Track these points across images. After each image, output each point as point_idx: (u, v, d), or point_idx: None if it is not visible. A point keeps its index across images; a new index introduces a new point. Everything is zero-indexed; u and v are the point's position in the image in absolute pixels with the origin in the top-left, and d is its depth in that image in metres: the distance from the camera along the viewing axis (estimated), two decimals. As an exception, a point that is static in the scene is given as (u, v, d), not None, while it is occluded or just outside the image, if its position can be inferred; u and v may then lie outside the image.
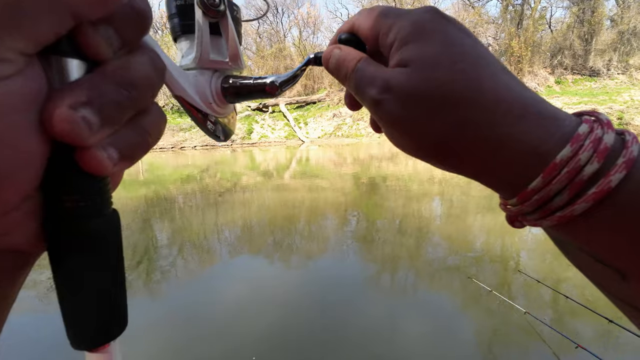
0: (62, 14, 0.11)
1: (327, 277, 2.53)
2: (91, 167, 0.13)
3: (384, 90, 0.19)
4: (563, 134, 0.16)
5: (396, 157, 11.18)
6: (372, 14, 0.21)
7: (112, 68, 0.13)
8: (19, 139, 0.11)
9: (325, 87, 26.75)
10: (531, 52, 22.16)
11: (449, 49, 0.18)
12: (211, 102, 0.26)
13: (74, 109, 0.12)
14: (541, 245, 2.97)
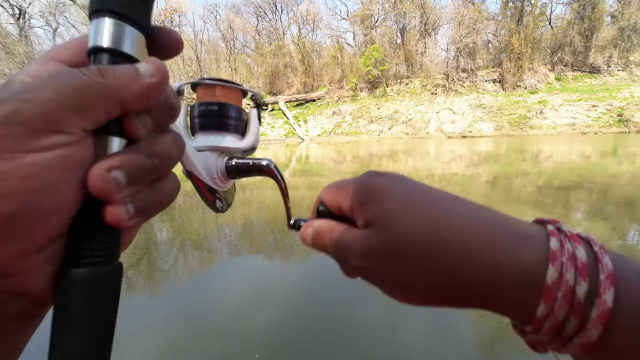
0: (115, 105, 0.16)
1: (328, 275, 2.53)
2: (111, 219, 0.16)
3: (363, 257, 0.21)
4: (536, 249, 0.17)
5: (396, 155, 11.17)
6: (331, 188, 0.25)
7: (144, 145, 0.18)
8: (63, 191, 0.15)
9: (324, 84, 26.68)
10: (531, 49, 22.07)
11: (397, 202, 0.20)
12: (216, 178, 0.30)
13: (109, 171, 0.16)
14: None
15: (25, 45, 20.44)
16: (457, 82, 22.62)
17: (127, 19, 0.17)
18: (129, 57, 0.17)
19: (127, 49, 0.17)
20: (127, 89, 0.16)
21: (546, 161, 8.06)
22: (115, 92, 0.16)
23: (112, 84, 0.16)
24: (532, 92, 20.88)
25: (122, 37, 0.17)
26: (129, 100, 0.16)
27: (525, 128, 18.21)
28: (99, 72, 0.16)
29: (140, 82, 0.16)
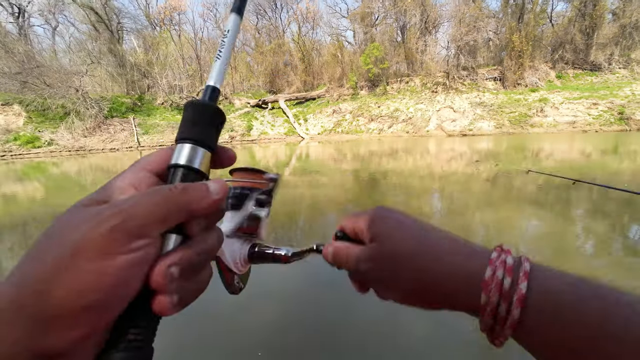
0: (188, 214, 0.21)
1: (329, 275, 2.53)
2: (159, 308, 0.19)
3: (369, 261, 0.29)
4: (482, 259, 0.25)
5: (396, 153, 11.16)
6: (350, 217, 0.33)
7: (197, 241, 0.22)
8: (134, 284, 0.18)
9: (324, 83, 26.61)
10: (532, 47, 21.98)
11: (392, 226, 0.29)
12: (238, 263, 0.34)
13: (169, 267, 0.19)
14: (541, 240, 2.97)
15: (24, 44, 20.41)
16: (457, 80, 22.55)
17: (202, 144, 0.23)
18: (198, 172, 0.23)
19: (197, 165, 0.22)
20: (199, 204, 0.21)
21: (547, 159, 8.05)
22: (191, 205, 0.20)
23: (190, 200, 0.20)
24: (532, 90, 20.82)
25: (195, 157, 0.22)
26: (198, 211, 0.21)
27: (526, 126, 18.17)
28: (183, 191, 0.20)
29: (209, 198, 0.21)
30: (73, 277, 0.16)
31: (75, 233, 0.17)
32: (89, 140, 17.44)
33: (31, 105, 17.37)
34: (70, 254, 0.17)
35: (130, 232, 0.18)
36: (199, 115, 0.23)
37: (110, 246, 0.17)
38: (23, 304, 0.16)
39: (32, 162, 12.76)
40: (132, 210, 0.18)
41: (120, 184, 0.21)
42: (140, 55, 24.47)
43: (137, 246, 0.18)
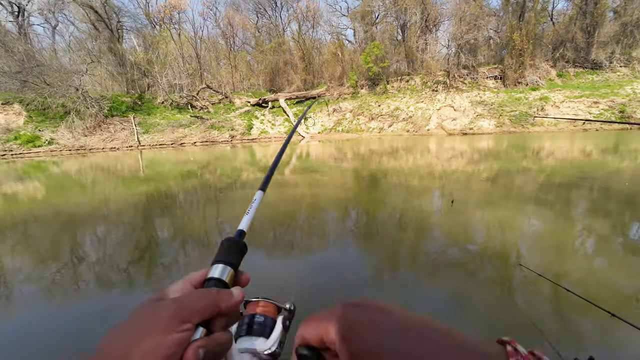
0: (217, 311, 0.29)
1: (332, 273, 2.54)
2: None
3: None
4: None
5: (396, 152, 11.15)
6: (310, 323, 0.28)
7: (217, 336, 0.29)
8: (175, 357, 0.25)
9: (325, 81, 26.56)
10: (533, 45, 21.90)
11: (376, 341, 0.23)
12: None
13: (199, 348, 0.26)
14: (542, 239, 2.97)
15: (24, 43, 20.36)
16: (458, 78, 22.51)
17: (230, 264, 0.33)
18: (225, 283, 0.32)
19: (225, 278, 0.32)
20: (226, 303, 0.29)
21: (547, 158, 8.04)
22: (221, 303, 0.29)
23: (221, 298, 0.29)
24: (533, 88, 20.78)
25: (224, 273, 0.32)
26: (224, 309, 0.29)
27: (527, 125, 18.14)
28: (217, 292, 0.30)
29: (233, 300, 0.30)
30: (145, 346, 0.24)
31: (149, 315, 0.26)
32: (90, 140, 17.43)
33: (31, 105, 17.36)
34: (144, 330, 0.25)
35: (183, 317, 0.26)
36: (231, 247, 0.35)
37: (170, 326, 0.25)
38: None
39: (33, 162, 12.76)
40: (185, 301, 0.27)
41: (174, 289, 0.30)
42: (140, 54, 24.43)
43: (184, 328, 0.25)
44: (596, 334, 1.68)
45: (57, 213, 4.74)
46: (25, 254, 3.16)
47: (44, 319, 2.04)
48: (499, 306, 1.95)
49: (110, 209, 4.87)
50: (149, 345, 0.24)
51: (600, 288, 2.10)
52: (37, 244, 3.42)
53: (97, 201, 5.47)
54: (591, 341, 1.63)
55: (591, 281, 2.19)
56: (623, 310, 1.79)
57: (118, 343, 0.24)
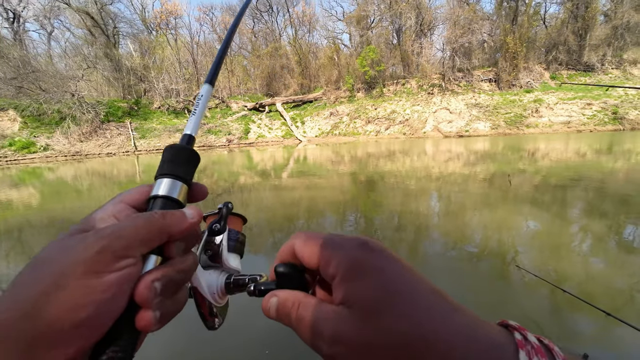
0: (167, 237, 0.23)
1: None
2: (142, 323, 0.20)
3: (333, 342, 0.19)
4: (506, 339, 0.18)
5: (393, 155, 11.20)
6: (312, 243, 0.23)
7: (176, 262, 0.24)
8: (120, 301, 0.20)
9: (321, 85, 26.69)
10: (526, 48, 22.24)
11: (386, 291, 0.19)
12: (215, 294, 0.34)
13: (153, 282, 0.21)
14: (538, 240, 2.99)
15: (19, 49, 20.30)
16: (453, 81, 22.75)
17: (180, 178, 0.26)
18: (176, 201, 0.25)
19: (175, 195, 0.25)
20: (177, 227, 0.23)
21: (542, 159, 8.12)
22: (170, 228, 0.23)
23: (169, 224, 0.23)
24: (527, 91, 21.04)
25: (173, 189, 0.25)
26: (176, 234, 0.23)
27: (522, 126, 18.33)
28: (162, 216, 0.23)
29: (186, 222, 0.24)
30: (64, 296, 0.17)
31: (65, 257, 0.19)
32: (85, 145, 17.34)
33: (26, 111, 17.26)
34: (61, 275, 0.18)
35: (115, 252, 0.20)
36: (177, 155, 0.27)
37: (98, 266, 0.19)
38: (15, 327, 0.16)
39: (28, 168, 12.65)
40: (118, 233, 0.20)
41: (102, 215, 0.23)
42: (136, 59, 24.44)
43: (122, 265, 0.20)
44: (592, 333, 1.69)
45: (53, 219, 4.70)
46: (19, 260, 3.12)
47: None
48: (496, 307, 1.95)
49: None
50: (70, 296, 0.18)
51: (596, 287, 2.11)
52: (31, 251, 3.38)
53: (93, 207, 5.39)
54: (586, 340, 1.64)
55: (587, 281, 2.21)
56: (618, 310, 1.80)
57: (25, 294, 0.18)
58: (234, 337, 1.68)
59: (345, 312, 0.19)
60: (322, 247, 0.22)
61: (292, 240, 0.25)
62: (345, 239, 0.22)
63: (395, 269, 0.20)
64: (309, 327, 0.21)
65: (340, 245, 0.22)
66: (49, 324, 0.17)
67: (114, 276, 0.19)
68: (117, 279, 0.19)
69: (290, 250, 0.25)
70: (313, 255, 0.23)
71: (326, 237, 0.23)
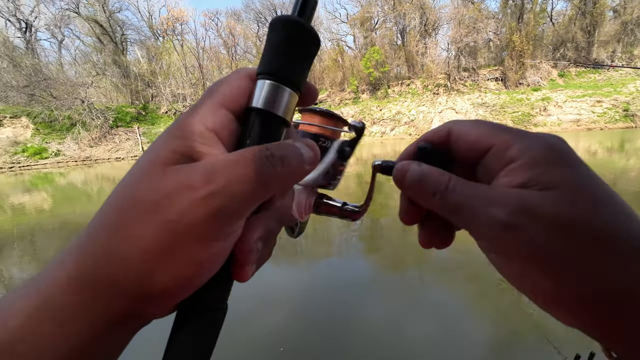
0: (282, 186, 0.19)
1: (345, 275, 2.53)
2: (240, 277, 0.19)
3: (520, 212, 0.16)
4: None
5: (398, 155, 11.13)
6: (482, 124, 0.20)
7: (278, 208, 0.20)
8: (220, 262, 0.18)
9: (326, 87, 26.78)
10: (533, 46, 21.96)
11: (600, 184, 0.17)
12: (302, 212, 0.31)
13: (256, 242, 0.19)
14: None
15: (31, 57, 20.86)
16: (458, 81, 22.57)
17: (288, 83, 0.19)
18: (282, 121, 0.19)
19: (281, 113, 0.19)
20: (294, 177, 0.19)
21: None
22: (287, 180, 0.19)
23: (288, 172, 0.18)
24: (535, 89, 20.75)
25: (279, 101, 0.19)
26: (291, 184, 0.20)
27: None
28: (281, 162, 0.17)
29: (303, 170, 0.19)
30: (173, 265, 0.15)
31: (169, 211, 0.15)
32: (95, 150, 17.67)
33: (38, 117, 17.69)
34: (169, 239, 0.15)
35: (230, 216, 0.16)
36: (289, 40, 0.19)
37: (209, 233, 0.16)
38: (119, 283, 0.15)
39: (40, 173, 12.95)
40: (231, 190, 0.16)
41: (201, 128, 0.18)
42: (144, 65, 24.87)
43: (233, 230, 0.17)
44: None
45: (64, 223, 4.79)
46: (32, 264, 3.19)
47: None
48: (504, 310, 1.92)
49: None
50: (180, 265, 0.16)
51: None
52: (44, 254, 3.46)
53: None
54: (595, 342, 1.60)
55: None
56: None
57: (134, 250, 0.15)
58: (248, 335, 1.69)
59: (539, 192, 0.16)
60: (497, 130, 0.19)
61: (445, 125, 0.22)
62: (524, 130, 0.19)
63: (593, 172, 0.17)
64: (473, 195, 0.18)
65: (529, 133, 0.19)
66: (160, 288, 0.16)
67: (222, 243, 0.17)
68: (225, 245, 0.17)
69: (442, 134, 0.22)
70: (485, 137, 0.19)
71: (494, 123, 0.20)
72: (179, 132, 0.17)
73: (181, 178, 0.16)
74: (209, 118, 0.18)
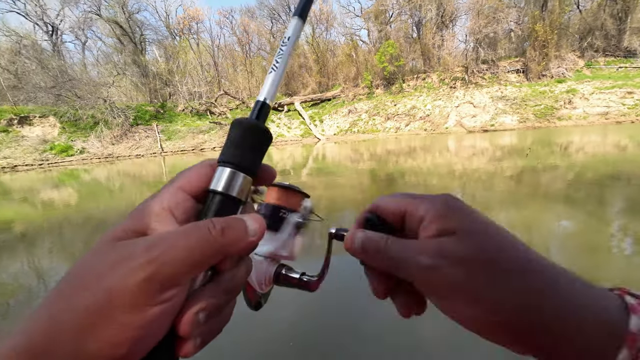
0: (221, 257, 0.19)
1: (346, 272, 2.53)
2: (182, 353, 0.18)
3: (438, 256, 0.20)
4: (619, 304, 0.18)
5: (414, 151, 10.94)
6: (397, 196, 0.25)
7: (226, 278, 0.20)
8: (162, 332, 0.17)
9: (339, 83, 26.57)
10: (558, 36, 20.86)
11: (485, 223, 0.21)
12: (262, 283, 0.32)
13: (197, 314, 0.18)
14: (570, 241, 2.82)
15: (58, 59, 21.86)
16: (477, 74, 21.81)
17: (243, 169, 0.22)
18: (236, 200, 0.22)
19: (235, 194, 0.21)
20: (236, 246, 0.19)
21: (577, 153, 7.61)
22: (228, 248, 0.19)
23: (228, 242, 0.19)
24: (559, 81, 19.76)
25: (234, 184, 0.21)
26: (234, 253, 0.20)
27: (553, 119, 17.26)
28: (221, 233, 0.19)
29: (247, 240, 0.20)
30: (107, 330, 0.16)
31: (109, 279, 0.16)
32: (117, 148, 18.37)
33: (64, 117, 18.55)
34: (104, 305, 0.16)
35: (163, 282, 0.17)
36: (243, 137, 0.22)
37: (143, 298, 0.16)
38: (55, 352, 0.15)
39: (67, 170, 13.62)
40: (167, 257, 0.17)
41: (157, 208, 0.20)
42: (161, 64, 25.52)
43: (169, 296, 0.17)
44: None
45: (88, 218, 5.03)
46: (61, 256, 3.37)
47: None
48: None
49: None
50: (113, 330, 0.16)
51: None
52: (71, 247, 3.65)
53: (125, 206, 5.75)
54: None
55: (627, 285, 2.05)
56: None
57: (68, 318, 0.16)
58: (258, 330, 1.73)
59: (447, 237, 0.20)
60: (407, 198, 0.24)
61: (375, 201, 0.26)
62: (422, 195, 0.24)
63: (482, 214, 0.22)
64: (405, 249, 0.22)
65: (424, 196, 0.24)
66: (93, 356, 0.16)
67: (158, 310, 0.17)
68: (161, 313, 0.17)
69: (375, 206, 0.26)
70: (399, 205, 0.24)
71: (407, 193, 0.25)
72: (135, 213, 0.20)
73: (125, 250, 0.17)
74: (166, 199, 0.21)
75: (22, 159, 15.98)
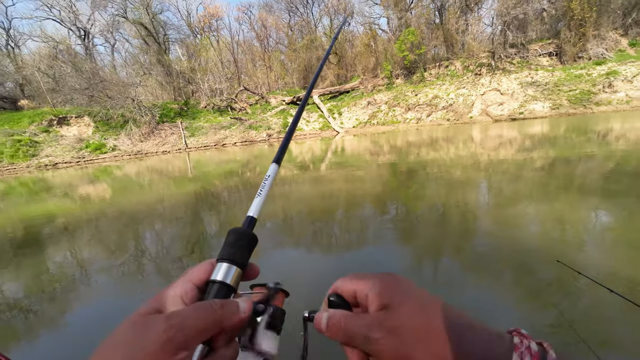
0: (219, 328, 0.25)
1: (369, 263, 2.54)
2: None
3: (379, 328, 0.25)
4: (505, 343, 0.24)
5: (436, 142, 10.60)
6: (348, 280, 0.30)
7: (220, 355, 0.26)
8: None
9: (358, 74, 26.09)
10: (597, 13, 19.14)
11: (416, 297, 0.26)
12: None
13: None
14: (608, 237, 2.64)
15: (90, 62, 23.16)
16: (504, 59, 20.59)
17: (236, 263, 0.29)
18: (229, 287, 0.28)
19: (229, 282, 0.28)
20: (230, 320, 0.26)
21: (617, 142, 7.04)
22: (224, 321, 0.25)
23: (225, 316, 0.25)
24: (597, 62, 18.21)
25: (228, 275, 0.29)
26: (228, 327, 0.26)
27: (590, 105, 16.01)
28: (220, 306, 0.26)
29: (239, 316, 0.26)
30: None
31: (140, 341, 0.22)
32: (145, 145, 19.29)
33: (97, 116, 19.72)
34: None
35: (178, 345, 0.22)
36: (237, 240, 0.31)
37: (162, 356, 0.21)
38: None
39: (101, 166, 14.53)
40: (182, 324, 0.23)
41: (171, 294, 0.27)
42: (184, 63, 26.29)
43: (180, 358, 0.22)
44: None
45: (122, 212, 5.36)
46: (98, 247, 3.64)
47: (117, 305, 2.34)
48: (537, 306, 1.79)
49: (164, 207, 5.37)
50: None
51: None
52: (107, 239, 3.92)
53: (154, 200, 6.07)
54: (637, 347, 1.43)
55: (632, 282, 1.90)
56: None
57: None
58: None
59: (384, 312, 0.25)
60: (356, 278, 0.29)
61: (334, 283, 0.31)
62: (373, 273, 0.29)
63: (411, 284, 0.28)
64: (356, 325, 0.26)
65: (369, 275, 0.29)
66: None
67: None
68: None
69: (334, 289, 0.31)
70: (351, 285, 0.29)
71: (358, 274, 0.30)
72: (158, 295, 0.27)
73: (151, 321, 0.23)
74: (178, 288, 0.28)
75: (62, 156, 17.22)
